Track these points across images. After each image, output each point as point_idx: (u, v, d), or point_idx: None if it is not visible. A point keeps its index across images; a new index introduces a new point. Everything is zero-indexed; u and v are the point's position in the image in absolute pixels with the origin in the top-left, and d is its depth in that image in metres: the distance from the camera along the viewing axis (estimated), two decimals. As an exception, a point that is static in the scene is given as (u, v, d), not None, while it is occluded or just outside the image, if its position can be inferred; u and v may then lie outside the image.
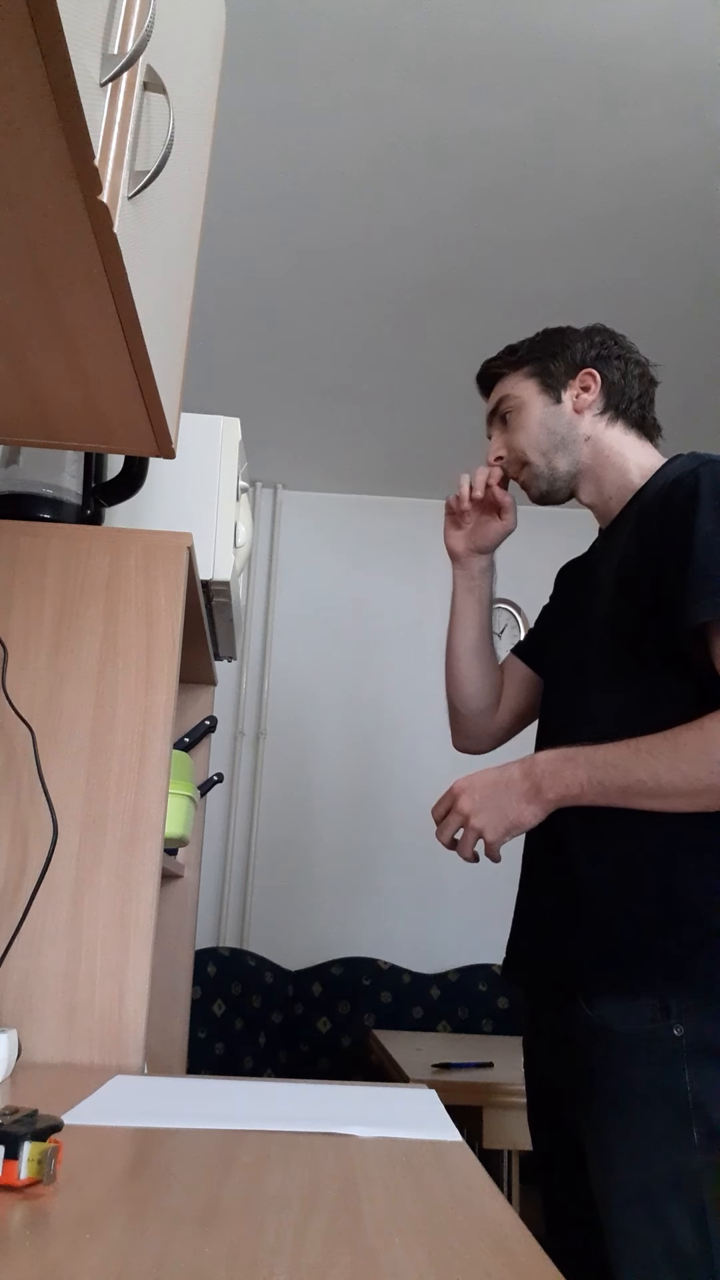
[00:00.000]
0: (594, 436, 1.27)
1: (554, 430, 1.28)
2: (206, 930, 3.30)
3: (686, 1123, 0.99)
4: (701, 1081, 1.00)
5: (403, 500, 3.73)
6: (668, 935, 1.05)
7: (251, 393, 3.11)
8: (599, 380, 1.27)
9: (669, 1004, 1.02)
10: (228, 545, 1.57)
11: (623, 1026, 1.05)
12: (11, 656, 1.15)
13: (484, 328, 2.67)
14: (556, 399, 1.28)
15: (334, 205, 2.30)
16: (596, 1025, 1.06)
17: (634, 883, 1.08)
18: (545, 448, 1.29)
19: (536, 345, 1.32)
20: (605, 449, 1.27)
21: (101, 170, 0.65)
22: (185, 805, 1.53)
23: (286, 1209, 0.55)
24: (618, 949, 1.07)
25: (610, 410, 1.28)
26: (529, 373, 1.31)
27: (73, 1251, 0.47)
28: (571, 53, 1.87)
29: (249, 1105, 0.86)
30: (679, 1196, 0.98)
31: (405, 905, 3.35)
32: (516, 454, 1.31)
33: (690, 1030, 1.01)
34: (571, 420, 1.28)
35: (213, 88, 1.08)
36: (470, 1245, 0.51)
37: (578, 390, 1.28)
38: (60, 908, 1.08)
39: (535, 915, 1.21)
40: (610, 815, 1.10)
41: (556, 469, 1.29)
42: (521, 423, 1.30)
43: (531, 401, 1.29)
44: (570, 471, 1.29)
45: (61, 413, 0.99)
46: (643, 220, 2.29)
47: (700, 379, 2.82)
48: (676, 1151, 0.99)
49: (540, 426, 1.29)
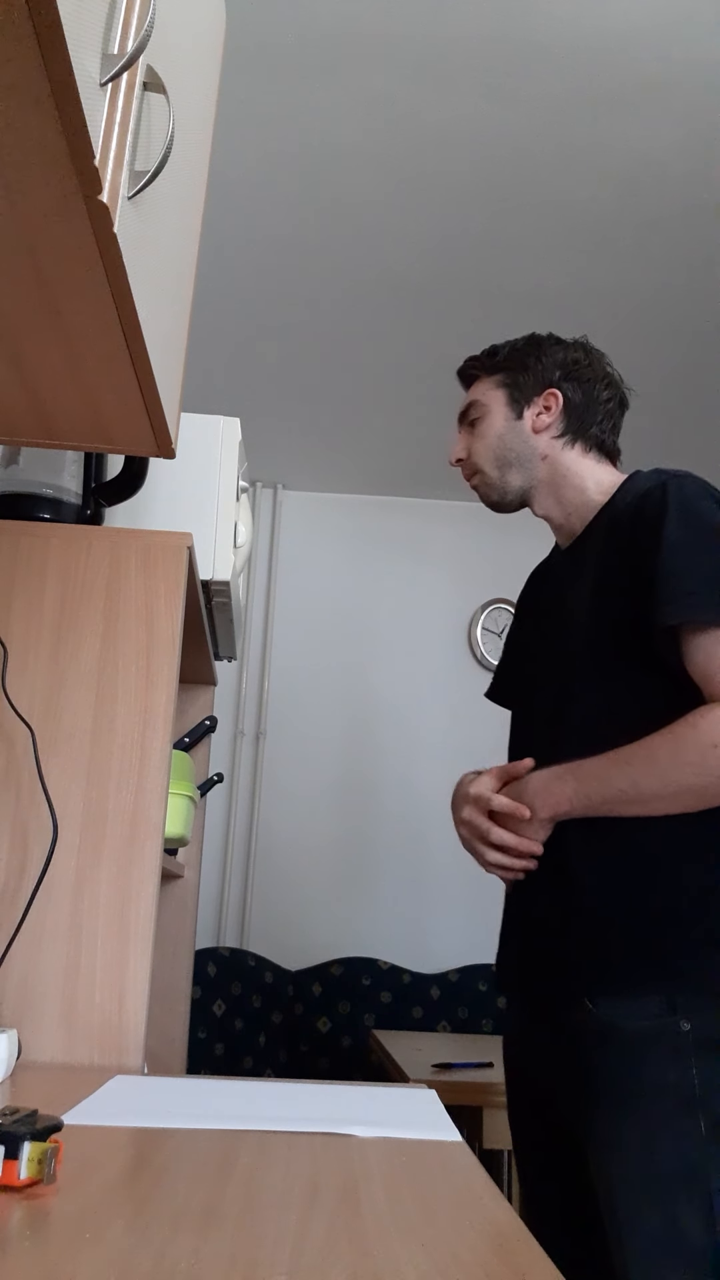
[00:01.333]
0: (551, 456, 1.30)
1: (510, 446, 1.31)
2: (206, 930, 3.30)
3: (693, 1115, 1.00)
4: (708, 1075, 1.02)
5: (403, 500, 3.73)
6: (671, 932, 1.06)
7: (251, 393, 3.11)
8: (560, 402, 1.29)
9: (675, 1000, 1.04)
10: (228, 545, 1.57)
11: (629, 1023, 1.06)
12: (11, 656, 1.15)
13: (484, 328, 2.66)
14: (519, 414, 1.31)
15: (334, 205, 2.29)
16: (602, 1023, 1.07)
17: (635, 881, 1.09)
18: (500, 462, 1.31)
19: (514, 353, 1.33)
20: (562, 468, 1.29)
21: (101, 170, 0.65)
22: (185, 805, 1.53)
23: (286, 1209, 0.55)
24: (621, 947, 1.08)
25: (569, 433, 1.29)
26: (500, 381, 1.33)
27: (73, 1251, 0.47)
28: (571, 52, 1.87)
29: (249, 1105, 0.86)
30: (686, 1187, 0.99)
31: (405, 905, 3.35)
32: (474, 460, 1.34)
33: (697, 1025, 1.03)
34: (528, 438, 1.30)
35: (213, 88, 1.08)
36: (470, 1245, 0.51)
37: (540, 409, 1.30)
38: (60, 908, 1.08)
39: (529, 916, 1.21)
40: (607, 819, 1.10)
41: (508, 483, 1.32)
42: (482, 432, 1.33)
43: (495, 412, 1.32)
44: (522, 487, 1.32)
45: (61, 413, 0.99)
46: (643, 220, 2.29)
47: (699, 378, 2.82)
48: (683, 1143, 1.00)
49: (498, 440, 1.31)
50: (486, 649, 3.56)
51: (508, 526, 3.59)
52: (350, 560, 3.67)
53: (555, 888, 1.15)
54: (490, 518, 4.14)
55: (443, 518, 3.71)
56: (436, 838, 3.37)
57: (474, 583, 3.63)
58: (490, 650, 3.55)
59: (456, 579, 3.65)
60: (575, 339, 1.34)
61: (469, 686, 3.48)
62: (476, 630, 3.60)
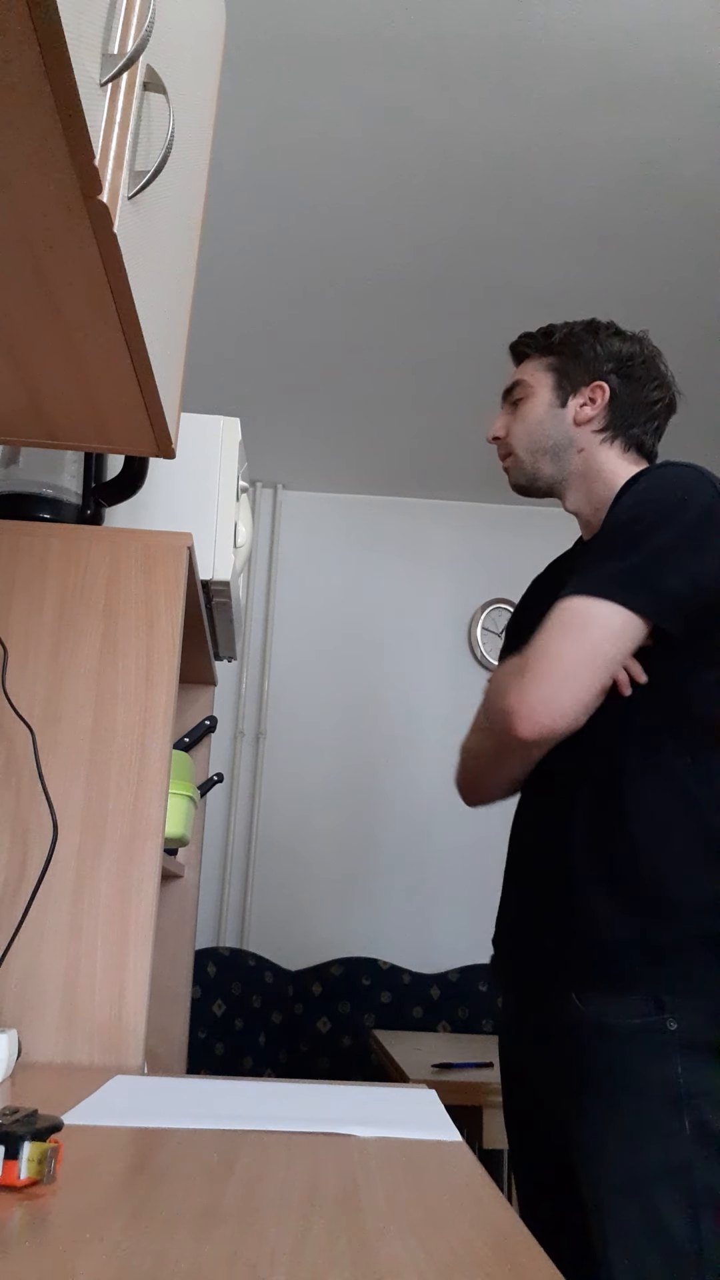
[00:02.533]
0: (588, 450, 1.27)
1: (549, 434, 1.28)
2: (206, 930, 3.30)
3: (678, 1114, 1.00)
4: (693, 1074, 1.01)
5: (403, 500, 3.74)
6: (660, 931, 1.06)
7: (251, 393, 3.11)
8: (606, 395, 1.26)
9: (662, 999, 1.04)
10: (228, 545, 1.57)
11: (616, 1020, 1.05)
12: (11, 656, 1.15)
13: (484, 328, 2.67)
14: (563, 402, 1.28)
15: (334, 205, 2.29)
16: (590, 1020, 1.07)
17: (625, 878, 1.09)
18: (536, 448, 1.29)
19: (569, 337, 1.30)
20: (597, 464, 1.27)
21: (101, 170, 0.65)
22: (185, 805, 1.53)
23: (286, 1209, 0.55)
24: (607, 945, 1.08)
25: (611, 428, 1.27)
26: (550, 365, 1.30)
27: (73, 1251, 0.47)
28: (572, 52, 1.87)
29: (249, 1105, 0.86)
30: (670, 1186, 0.99)
31: (405, 905, 3.35)
32: (511, 441, 1.31)
33: (683, 1024, 1.03)
34: (568, 429, 1.27)
35: (213, 88, 1.08)
36: (470, 1245, 0.51)
37: (585, 399, 1.27)
38: (60, 908, 1.08)
39: (521, 911, 1.21)
40: (603, 814, 1.11)
41: (540, 470, 1.29)
42: (523, 414, 1.30)
43: (540, 396, 1.29)
44: (554, 477, 1.29)
45: (61, 413, 0.99)
46: (644, 220, 2.29)
47: (699, 378, 2.82)
48: (668, 1142, 1.00)
49: (538, 426, 1.29)
50: (486, 649, 3.56)
51: (508, 526, 3.62)
52: (350, 560, 3.67)
53: (549, 881, 1.16)
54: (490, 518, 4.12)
55: (443, 518, 3.71)
56: (437, 837, 3.38)
57: (474, 583, 3.63)
58: (490, 650, 3.55)
59: (456, 579, 3.65)
60: (635, 332, 1.30)
61: (469, 686, 3.48)
62: (476, 630, 3.60)
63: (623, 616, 1.05)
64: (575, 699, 1.03)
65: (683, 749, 1.11)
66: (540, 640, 1.06)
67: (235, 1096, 0.91)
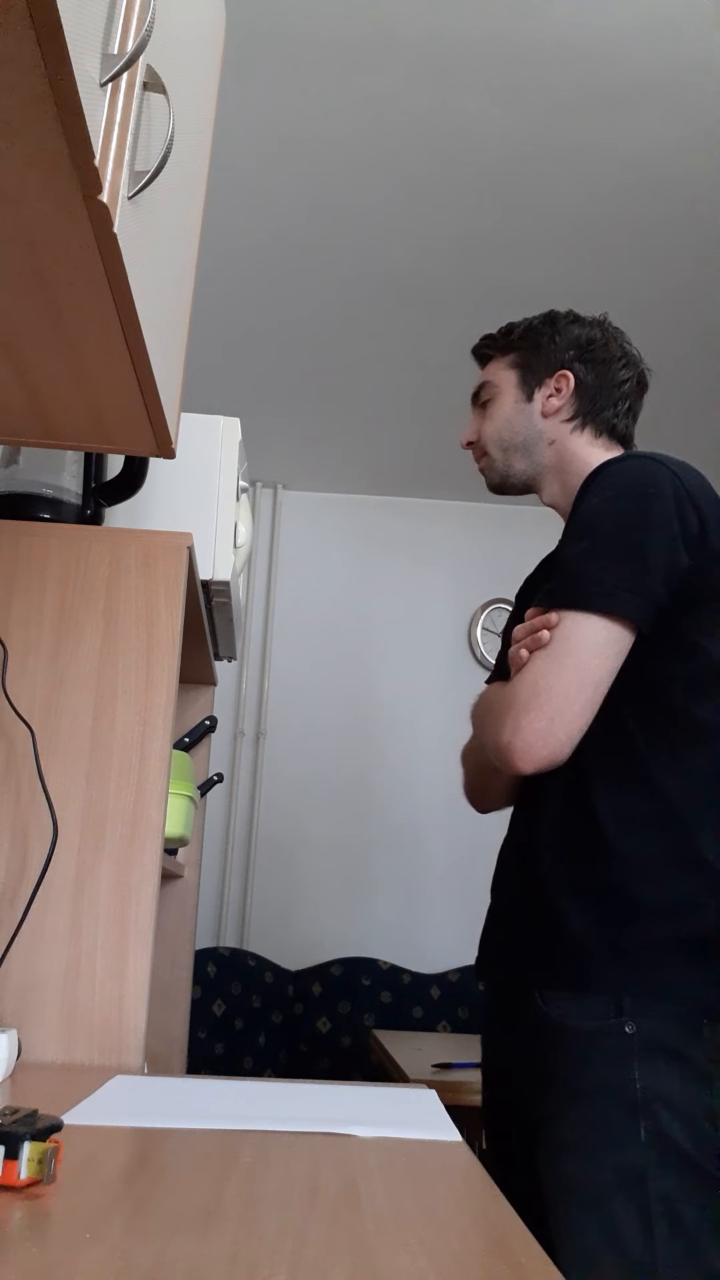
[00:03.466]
0: (558, 440, 1.27)
1: (517, 430, 1.28)
2: (206, 930, 3.30)
3: (635, 1120, 0.98)
4: (650, 1079, 0.99)
5: (403, 500, 3.74)
6: (621, 934, 1.05)
7: (251, 393, 3.11)
8: (571, 383, 1.26)
9: (622, 1001, 1.02)
10: (228, 545, 1.57)
11: (575, 1022, 1.04)
12: (11, 656, 1.15)
13: (484, 328, 2.67)
14: (529, 397, 1.28)
15: (334, 205, 2.30)
16: (551, 1020, 1.06)
17: (590, 881, 1.08)
18: (506, 445, 1.29)
19: (528, 332, 1.30)
20: (570, 454, 1.26)
21: (101, 170, 0.65)
22: (185, 805, 1.53)
23: (286, 1209, 0.55)
24: (571, 946, 1.06)
25: (580, 416, 1.26)
26: (512, 362, 1.30)
27: (73, 1251, 0.47)
28: (571, 52, 1.87)
29: (249, 1105, 0.86)
30: (624, 1193, 0.97)
31: (405, 905, 3.35)
32: (484, 442, 1.32)
33: (642, 1028, 1.01)
34: (536, 423, 1.27)
35: (213, 88, 1.08)
36: (470, 1245, 0.51)
37: (551, 390, 1.27)
38: (60, 908, 1.08)
39: (505, 908, 1.21)
40: (573, 814, 1.10)
41: (512, 466, 1.30)
42: (492, 414, 1.31)
43: (506, 394, 1.29)
44: (527, 472, 1.29)
45: (61, 413, 0.99)
46: (643, 220, 2.29)
47: (699, 378, 2.82)
48: (624, 1148, 0.98)
49: (506, 423, 1.29)
50: (486, 649, 3.56)
51: (508, 526, 3.62)
52: (350, 560, 3.67)
53: (521, 879, 1.15)
54: (490, 518, 4.12)
55: (443, 518, 3.71)
56: (437, 837, 3.38)
57: (474, 583, 3.63)
58: (490, 650, 3.55)
59: (456, 579, 3.65)
60: (594, 317, 1.30)
61: (469, 686, 3.46)
62: (476, 630, 3.60)
63: (607, 630, 1.04)
64: (571, 727, 1.03)
65: (658, 744, 1.09)
66: (530, 672, 1.05)
67: (235, 1096, 0.91)
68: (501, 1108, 1.20)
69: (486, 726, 1.11)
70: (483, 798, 1.33)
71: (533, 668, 1.05)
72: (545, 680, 1.04)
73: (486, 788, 1.30)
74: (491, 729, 1.08)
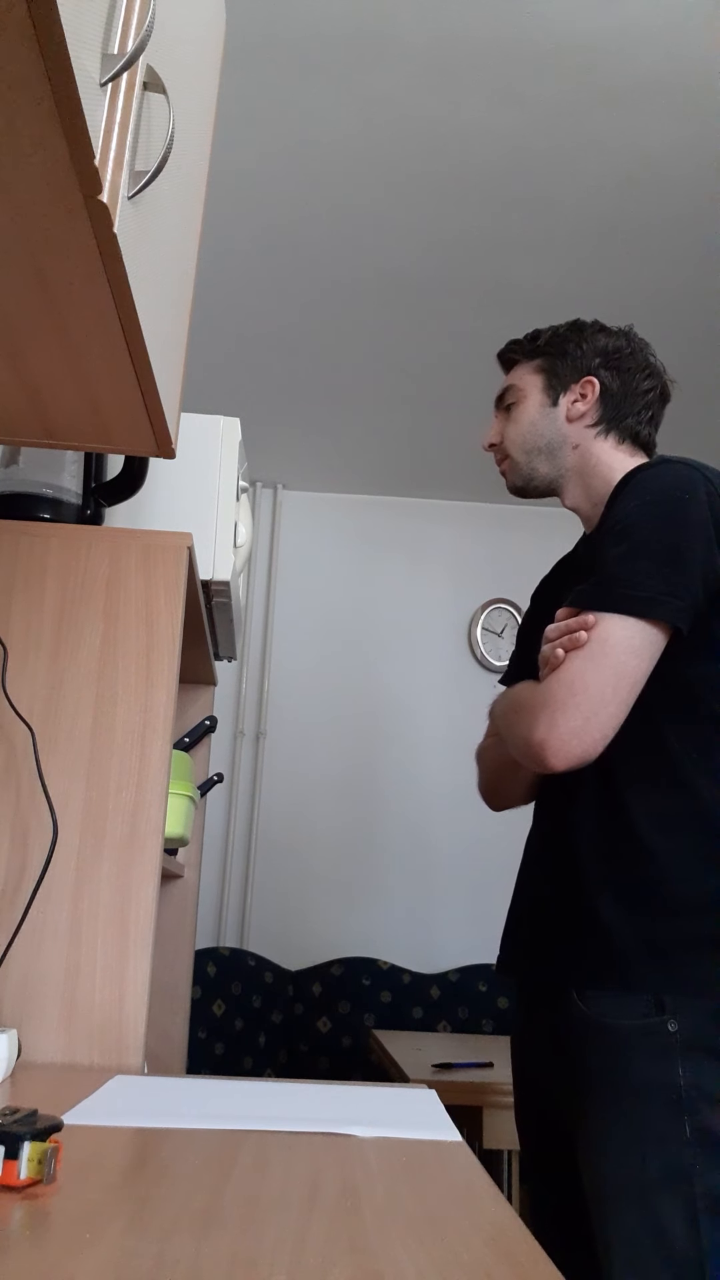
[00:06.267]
0: (582, 445, 1.28)
1: (542, 433, 1.30)
2: (206, 930, 3.30)
3: (679, 1118, 0.99)
4: (694, 1077, 1.01)
5: (403, 500, 3.74)
6: (660, 932, 1.06)
7: (251, 393, 3.11)
8: (597, 389, 1.27)
9: (664, 1000, 1.03)
10: (228, 545, 1.57)
11: (617, 1020, 1.05)
12: (11, 656, 1.15)
13: (484, 327, 2.67)
14: (554, 401, 1.29)
15: (334, 205, 2.29)
16: (591, 1019, 1.07)
17: (626, 880, 1.09)
18: (530, 448, 1.30)
19: (555, 339, 1.32)
20: (593, 459, 1.28)
21: (101, 170, 0.65)
22: (185, 805, 1.53)
23: (286, 1209, 0.55)
24: (609, 945, 1.07)
25: (604, 422, 1.28)
26: (538, 367, 1.31)
27: (73, 1251, 0.47)
28: (571, 52, 1.87)
29: (249, 1105, 0.86)
30: (671, 1192, 0.98)
31: (405, 905, 3.35)
32: (506, 445, 1.33)
33: (685, 1026, 1.02)
34: (561, 427, 1.29)
35: (213, 88, 1.08)
36: (470, 1245, 0.51)
37: (576, 395, 1.28)
38: (60, 908, 1.08)
39: (535, 906, 1.21)
40: (605, 813, 1.11)
41: (535, 470, 1.31)
42: (517, 417, 1.32)
43: (531, 398, 1.31)
44: (550, 475, 1.31)
45: (61, 413, 0.99)
46: (643, 220, 2.29)
47: (699, 377, 2.82)
48: (669, 1147, 0.99)
49: (531, 427, 1.30)
50: (486, 649, 3.56)
51: (508, 526, 3.62)
52: (350, 560, 3.67)
53: (556, 878, 1.15)
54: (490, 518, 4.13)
55: (443, 518, 3.71)
56: (436, 837, 3.38)
57: (474, 583, 3.63)
58: (490, 650, 3.55)
59: (456, 579, 3.65)
60: (620, 327, 1.32)
61: (469, 686, 3.48)
62: (476, 630, 3.60)
63: (643, 632, 1.05)
64: (605, 726, 1.04)
65: (690, 744, 1.11)
66: (567, 671, 1.06)
67: (235, 1096, 0.91)
68: (537, 1108, 1.20)
69: (515, 724, 1.11)
70: (498, 795, 1.33)
71: (569, 667, 1.06)
72: (582, 679, 1.04)
73: (503, 785, 1.30)
74: (523, 726, 1.08)
